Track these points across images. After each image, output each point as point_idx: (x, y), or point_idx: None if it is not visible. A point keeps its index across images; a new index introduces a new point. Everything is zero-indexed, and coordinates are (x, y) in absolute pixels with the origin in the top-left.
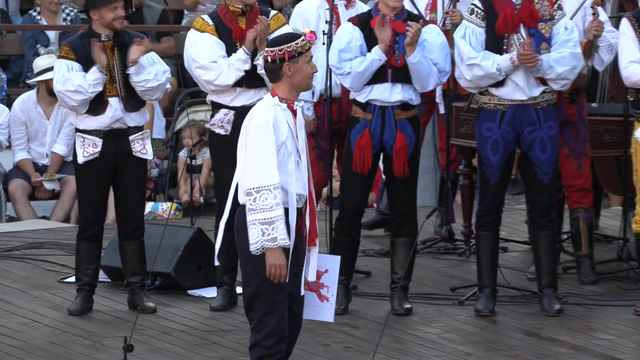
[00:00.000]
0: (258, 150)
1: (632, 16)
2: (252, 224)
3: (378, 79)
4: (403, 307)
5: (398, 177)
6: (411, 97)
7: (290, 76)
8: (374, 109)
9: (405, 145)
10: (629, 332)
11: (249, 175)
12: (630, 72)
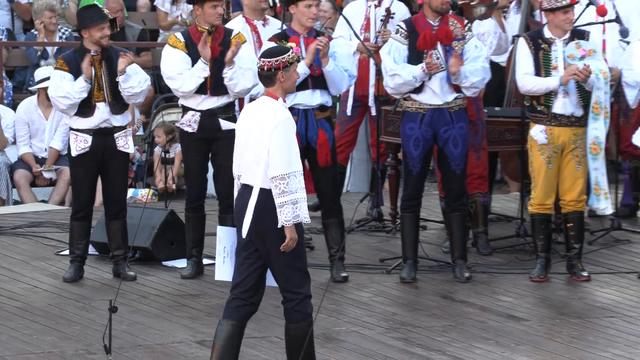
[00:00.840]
0: (286, 142)
1: (527, 36)
2: (284, 205)
3: (301, 87)
4: (340, 275)
5: (322, 166)
6: (327, 100)
7: (282, 82)
8: (298, 112)
9: (327, 140)
10: (525, 295)
11: (279, 163)
12: (525, 82)
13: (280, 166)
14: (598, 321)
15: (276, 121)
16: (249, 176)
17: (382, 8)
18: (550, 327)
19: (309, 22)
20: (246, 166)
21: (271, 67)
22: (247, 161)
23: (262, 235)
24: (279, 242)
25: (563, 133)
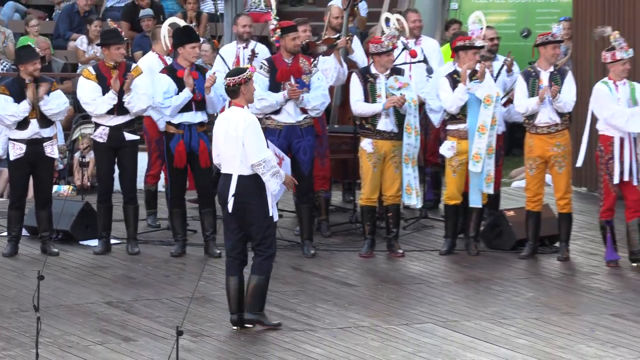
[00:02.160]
0: (255, 137)
1: (358, 71)
2: (269, 180)
3: (186, 109)
4: (215, 252)
5: (203, 167)
6: (205, 119)
7: (245, 94)
8: (184, 127)
9: (206, 147)
10: (356, 267)
11: (253, 153)
12: (357, 107)
13: (255, 155)
14: (410, 287)
15: (247, 123)
16: (229, 167)
17: (248, 49)
18: (375, 291)
19: (193, 59)
20: (226, 159)
21: (235, 83)
22: (227, 155)
23: (243, 210)
24: (256, 214)
25: (385, 145)
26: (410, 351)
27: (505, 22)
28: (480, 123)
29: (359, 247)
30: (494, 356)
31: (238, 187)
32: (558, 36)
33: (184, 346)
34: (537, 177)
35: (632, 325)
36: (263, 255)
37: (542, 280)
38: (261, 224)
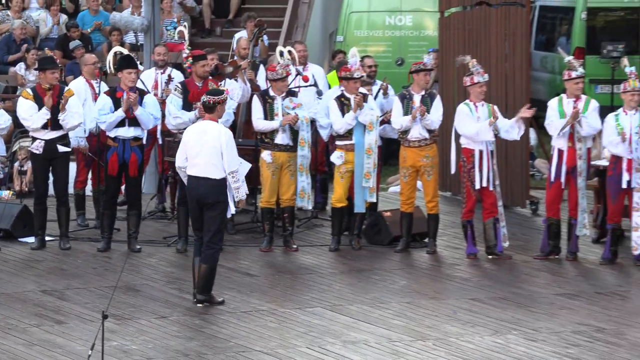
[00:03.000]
0: (233, 149)
1: (259, 93)
2: (240, 187)
3: (120, 125)
4: (136, 247)
5: (132, 176)
6: (139, 134)
7: (219, 111)
8: (119, 140)
9: (136, 159)
10: (257, 260)
11: (232, 162)
12: (258, 124)
13: (233, 164)
14: (302, 276)
15: (227, 137)
16: (205, 171)
17: (165, 74)
18: (273, 280)
19: (129, 83)
20: (201, 165)
21: (215, 102)
22: (203, 162)
23: (209, 205)
24: (217, 212)
25: (282, 156)
26: (303, 331)
27: (382, 52)
28: (367, 146)
29: (260, 243)
30: (373, 334)
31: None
32: (428, 65)
33: (108, 328)
34: (409, 183)
35: (488, 308)
36: (214, 248)
37: (413, 270)
38: (218, 222)
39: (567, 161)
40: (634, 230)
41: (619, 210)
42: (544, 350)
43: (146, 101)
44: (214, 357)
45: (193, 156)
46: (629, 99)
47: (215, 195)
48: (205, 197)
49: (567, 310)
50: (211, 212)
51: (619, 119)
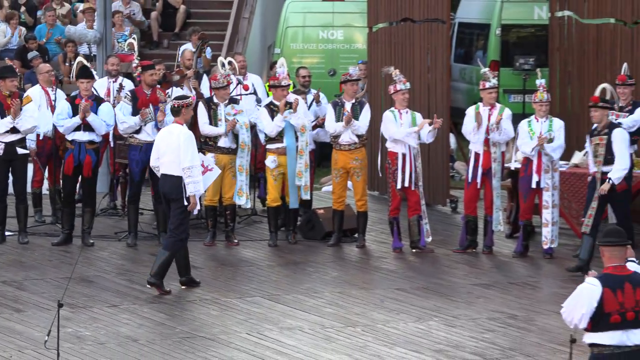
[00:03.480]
0: (189, 148)
1: (204, 101)
2: (189, 184)
3: (77, 129)
4: (89, 242)
5: (86, 176)
6: (94, 138)
7: (184, 114)
8: (76, 143)
9: (90, 161)
10: (201, 253)
11: (186, 160)
12: (204, 129)
13: (187, 161)
14: (243, 268)
15: (184, 137)
16: (170, 169)
17: (117, 83)
18: (215, 272)
19: (84, 92)
20: (165, 163)
21: (180, 105)
22: (167, 160)
23: (173, 200)
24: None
25: (224, 158)
26: (243, 318)
27: (316, 64)
28: (300, 148)
29: (204, 238)
30: (307, 321)
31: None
32: (354, 76)
33: (63, 316)
34: (341, 183)
35: (412, 297)
36: (176, 237)
37: (344, 263)
38: (179, 215)
39: (483, 163)
40: (544, 226)
41: (529, 208)
42: (462, 335)
43: (101, 109)
44: (161, 343)
45: (161, 156)
46: (538, 109)
47: (177, 191)
48: (169, 193)
49: (483, 299)
50: (174, 206)
51: (531, 125)
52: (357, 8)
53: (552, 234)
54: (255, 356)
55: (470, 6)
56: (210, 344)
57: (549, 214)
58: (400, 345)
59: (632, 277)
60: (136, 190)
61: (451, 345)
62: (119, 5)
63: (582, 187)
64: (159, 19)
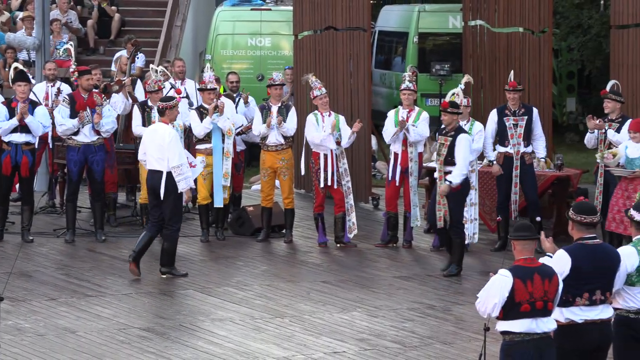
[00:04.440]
0: (176, 147)
1: (139, 104)
2: (180, 181)
3: (14, 131)
4: (28, 238)
5: (24, 176)
6: (30, 139)
7: (169, 115)
8: (12, 144)
9: (27, 162)
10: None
11: (174, 159)
12: (136, 130)
13: (175, 160)
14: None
15: (170, 137)
16: (155, 165)
17: (55, 87)
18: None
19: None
20: (151, 160)
21: (164, 107)
22: (153, 158)
23: (164, 195)
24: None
25: None
26: (176, 310)
27: (245, 69)
28: (226, 150)
29: (139, 234)
30: (238, 313)
31: (165, 181)
32: (277, 80)
33: (4, 309)
34: (269, 182)
35: (336, 289)
36: (170, 229)
37: (272, 257)
38: (173, 207)
39: (401, 162)
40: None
41: None
42: (383, 324)
43: (37, 111)
44: (98, 334)
45: (147, 152)
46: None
47: (163, 188)
48: (156, 187)
49: (403, 290)
50: (165, 200)
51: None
52: (284, 17)
53: (471, 230)
54: (188, 346)
55: (389, 15)
56: (145, 335)
57: (466, 212)
58: (325, 334)
59: (541, 269)
60: (74, 189)
61: (373, 334)
62: (57, 14)
63: (495, 185)
64: (95, 26)
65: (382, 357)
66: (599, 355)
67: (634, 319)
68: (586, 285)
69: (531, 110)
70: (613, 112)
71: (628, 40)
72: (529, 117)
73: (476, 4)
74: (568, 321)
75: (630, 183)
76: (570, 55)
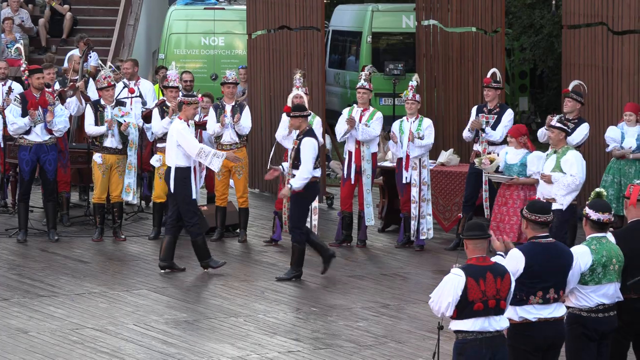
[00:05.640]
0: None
1: (91, 103)
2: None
3: None
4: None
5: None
6: None
7: (184, 111)
8: None
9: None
10: (89, 249)
11: (191, 148)
12: (89, 130)
13: (192, 150)
14: (130, 263)
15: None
16: (168, 161)
17: (6, 86)
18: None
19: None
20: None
21: (181, 102)
22: (167, 153)
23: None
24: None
25: (111, 158)
26: (130, 310)
27: (199, 69)
28: None
29: (92, 234)
30: (192, 312)
31: (175, 174)
32: (230, 79)
33: None
34: (223, 181)
35: (291, 288)
36: (189, 223)
37: (227, 257)
38: (183, 202)
39: (355, 161)
40: (412, 219)
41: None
42: (338, 324)
43: None
44: (51, 334)
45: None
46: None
47: (177, 184)
48: (167, 183)
49: (358, 289)
50: (175, 195)
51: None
52: (237, 16)
53: (424, 226)
54: (142, 346)
55: (343, 15)
56: (99, 335)
57: (416, 209)
58: (280, 334)
59: (493, 268)
60: (26, 188)
61: (328, 333)
62: (8, 12)
63: (448, 184)
64: (47, 25)
65: (336, 357)
66: (551, 354)
67: (586, 317)
68: (540, 284)
69: (505, 110)
70: (572, 112)
71: (580, 40)
72: (499, 115)
73: (429, 4)
74: (522, 320)
75: (507, 189)
76: (523, 55)
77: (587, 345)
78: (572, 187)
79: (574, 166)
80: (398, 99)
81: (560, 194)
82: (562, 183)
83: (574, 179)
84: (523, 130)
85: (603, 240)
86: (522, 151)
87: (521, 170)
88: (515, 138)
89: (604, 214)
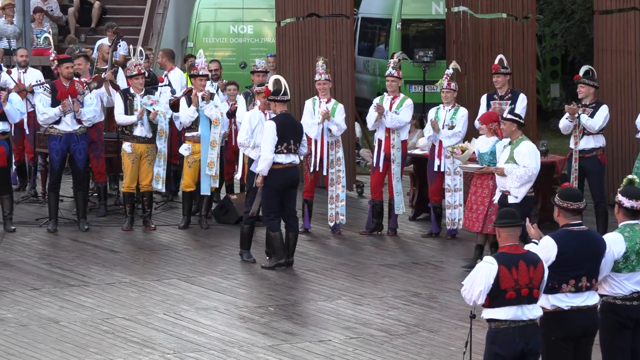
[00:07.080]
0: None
1: (121, 91)
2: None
3: None
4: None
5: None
6: (6, 128)
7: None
8: None
9: (4, 151)
10: (119, 238)
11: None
12: (119, 118)
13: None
14: (160, 252)
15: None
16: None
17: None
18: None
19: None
20: None
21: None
22: None
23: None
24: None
25: (140, 147)
26: (160, 299)
27: (228, 57)
28: (212, 139)
29: (122, 223)
30: (222, 302)
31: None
32: (259, 67)
33: None
34: None
35: (321, 277)
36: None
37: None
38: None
39: (384, 149)
40: (446, 208)
41: (436, 191)
42: (369, 312)
43: (12, 98)
44: (82, 324)
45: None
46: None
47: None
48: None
49: (389, 278)
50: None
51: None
52: (266, 4)
53: (455, 215)
54: (172, 335)
55: (372, 2)
56: (129, 325)
57: (450, 197)
58: (310, 323)
59: (526, 256)
60: (56, 178)
61: (359, 322)
62: (37, 2)
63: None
64: (76, 14)
65: (367, 346)
66: (585, 342)
67: (620, 305)
68: (572, 272)
69: (517, 96)
70: (587, 97)
71: (611, 26)
72: (513, 101)
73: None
74: (554, 308)
75: (478, 179)
76: (554, 41)
77: (621, 333)
78: (525, 178)
79: (527, 157)
80: (428, 86)
81: (514, 186)
82: (514, 175)
83: (526, 170)
84: (494, 117)
85: (636, 228)
86: (492, 139)
87: (492, 159)
88: (485, 125)
89: (637, 201)
